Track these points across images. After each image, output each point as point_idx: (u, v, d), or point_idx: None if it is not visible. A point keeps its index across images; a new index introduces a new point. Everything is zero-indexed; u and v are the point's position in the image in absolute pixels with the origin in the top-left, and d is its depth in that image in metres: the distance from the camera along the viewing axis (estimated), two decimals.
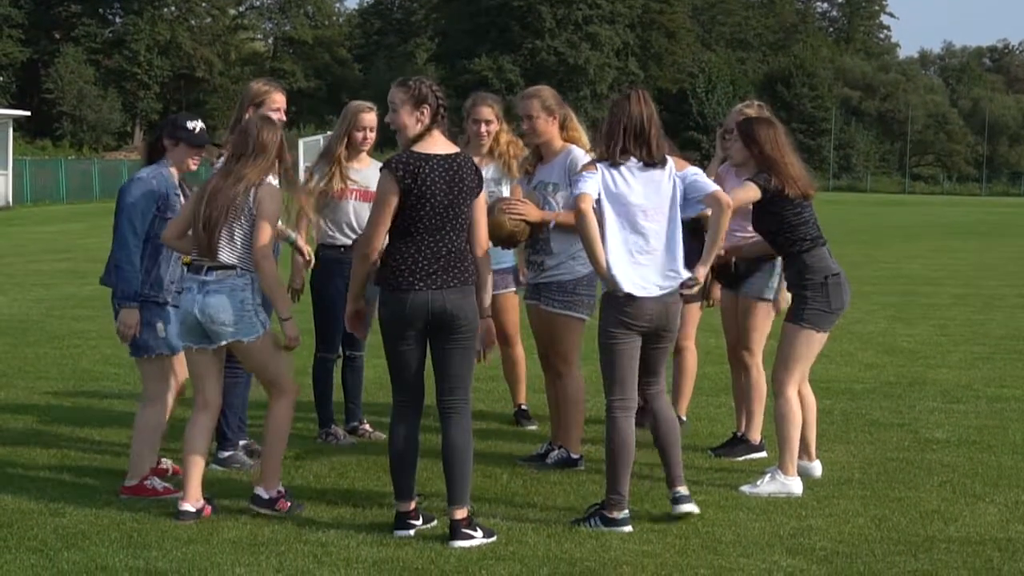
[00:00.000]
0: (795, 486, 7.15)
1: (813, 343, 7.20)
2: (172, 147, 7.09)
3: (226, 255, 6.46)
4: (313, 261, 8.18)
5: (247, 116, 7.26)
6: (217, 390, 6.68)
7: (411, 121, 6.23)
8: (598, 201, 6.52)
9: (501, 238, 7.38)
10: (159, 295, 6.99)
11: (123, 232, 6.90)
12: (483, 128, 8.51)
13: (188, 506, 6.46)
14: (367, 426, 8.68)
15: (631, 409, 6.61)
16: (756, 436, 8.17)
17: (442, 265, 6.14)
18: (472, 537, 6.12)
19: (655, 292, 6.51)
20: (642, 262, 6.52)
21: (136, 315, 6.87)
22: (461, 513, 6.17)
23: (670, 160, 6.73)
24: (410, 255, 6.14)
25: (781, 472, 7.17)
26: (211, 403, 6.66)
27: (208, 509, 6.52)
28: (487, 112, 8.53)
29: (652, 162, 6.60)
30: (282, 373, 6.66)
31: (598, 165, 6.61)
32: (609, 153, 6.60)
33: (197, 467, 6.54)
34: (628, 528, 6.45)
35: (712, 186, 6.75)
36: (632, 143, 6.57)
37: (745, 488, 7.18)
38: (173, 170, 7.12)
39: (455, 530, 6.14)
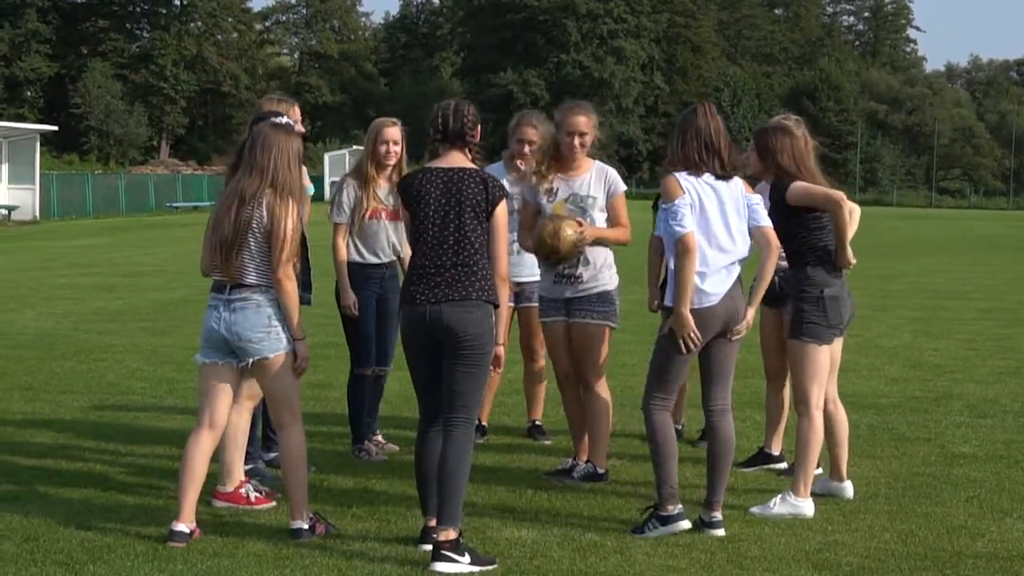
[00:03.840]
0: (807, 508, 7.02)
1: (818, 357, 7.09)
2: None
3: (250, 277, 6.34)
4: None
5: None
6: (226, 412, 6.53)
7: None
8: None
9: (554, 250, 7.41)
10: None
11: None
12: (526, 148, 8.47)
13: (182, 526, 6.27)
14: (379, 437, 8.69)
15: (668, 408, 6.70)
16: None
17: (445, 279, 6.10)
18: (455, 562, 5.83)
19: (724, 290, 6.55)
20: (718, 269, 6.56)
21: None
22: (445, 535, 5.90)
23: (738, 177, 6.72)
24: (413, 268, 6.22)
25: (792, 493, 7.04)
26: (218, 424, 6.49)
27: (198, 532, 6.35)
28: (531, 133, 8.48)
29: (725, 175, 6.62)
30: (297, 396, 6.53)
31: (679, 179, 6.55)
32: (686, 164, 6.60)
33: (195, 487, 6.37)
34: (685, 523, 6.48)
35: (765, 221, 6.73)
36: (705, 154, 6.58)
37: (755, 509, 7.06)
38: None
39: (436, 551, 5.90)
